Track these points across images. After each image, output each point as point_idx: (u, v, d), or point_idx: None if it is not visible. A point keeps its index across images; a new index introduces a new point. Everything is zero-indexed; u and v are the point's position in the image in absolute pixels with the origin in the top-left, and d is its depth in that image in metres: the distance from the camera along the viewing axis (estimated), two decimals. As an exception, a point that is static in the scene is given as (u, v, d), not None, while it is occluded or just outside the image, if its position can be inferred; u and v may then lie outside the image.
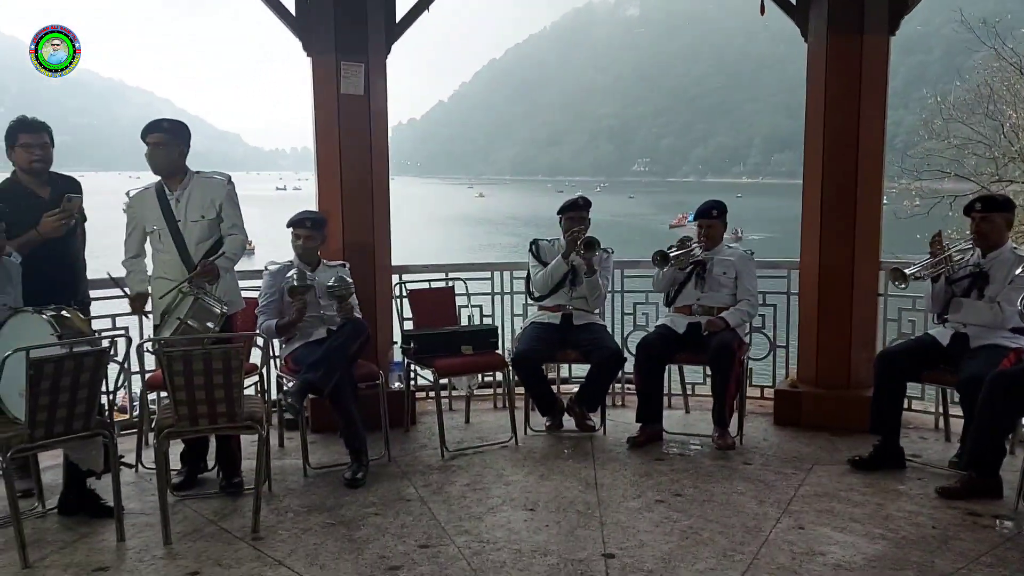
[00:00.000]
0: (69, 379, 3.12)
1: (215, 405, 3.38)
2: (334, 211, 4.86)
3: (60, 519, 3.57)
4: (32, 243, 3.65)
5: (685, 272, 4.77)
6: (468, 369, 4.81)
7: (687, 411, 5.25)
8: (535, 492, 3.93)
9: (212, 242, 3.94)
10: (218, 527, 3.52)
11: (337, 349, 4.11)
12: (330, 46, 4.75)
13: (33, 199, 3.79)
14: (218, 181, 3.99)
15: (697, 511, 3.68)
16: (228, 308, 3.89)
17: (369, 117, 4.87)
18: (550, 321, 4.88)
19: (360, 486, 3.96)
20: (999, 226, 4.03)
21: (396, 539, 3.38)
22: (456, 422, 5.04)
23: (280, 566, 3.14)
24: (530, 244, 5.04)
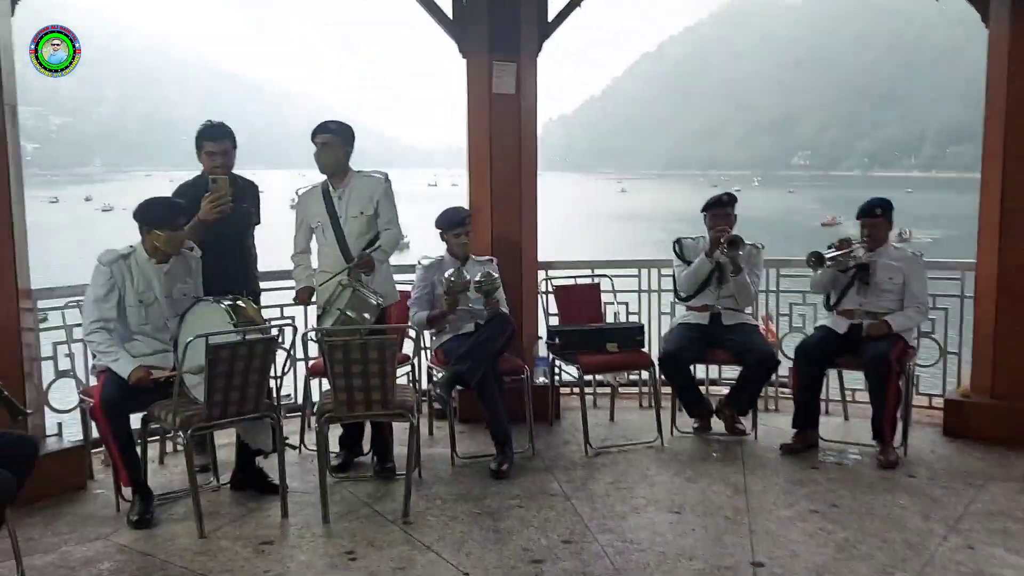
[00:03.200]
0: (242, 364, 3.37)
1: (370, 393, 3.55)
2: (484, 207, 4.97)
3: (232, 494, 3.88)
4: (196, 231, 3.85)
5: (847, 275, 4.52)
6: (613, 367, 4.80)
7: (846, 418, 4.99)
8: (681, 494, 3.87)
9: (370, 237, 4.12)
10: (371, 509, 3.70)
11: (484, 343, 4.20)
12: (484, 47, 4.86)
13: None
14: (377, 179, 4.17)
15: (855, 523, 3.50)
16: (384, 300, 4.07)
17: (519, 115, 4.94)
18: (698, 321, 4.76)
19: (505, 478, 4.04)
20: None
21: (539, 532, 3.43)
22: (600, 419, 5.03)
23: (428, 551, 3.26)
24: (674, 243, 4.94)
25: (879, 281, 4.45)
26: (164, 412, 3.46)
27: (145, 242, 3.62)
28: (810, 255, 4.47)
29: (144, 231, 3.61)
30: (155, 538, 3.39)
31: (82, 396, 3.90)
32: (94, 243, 3.85)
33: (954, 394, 4.80)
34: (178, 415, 3.37)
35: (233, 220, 3.95)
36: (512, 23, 4.85)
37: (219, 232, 3.92)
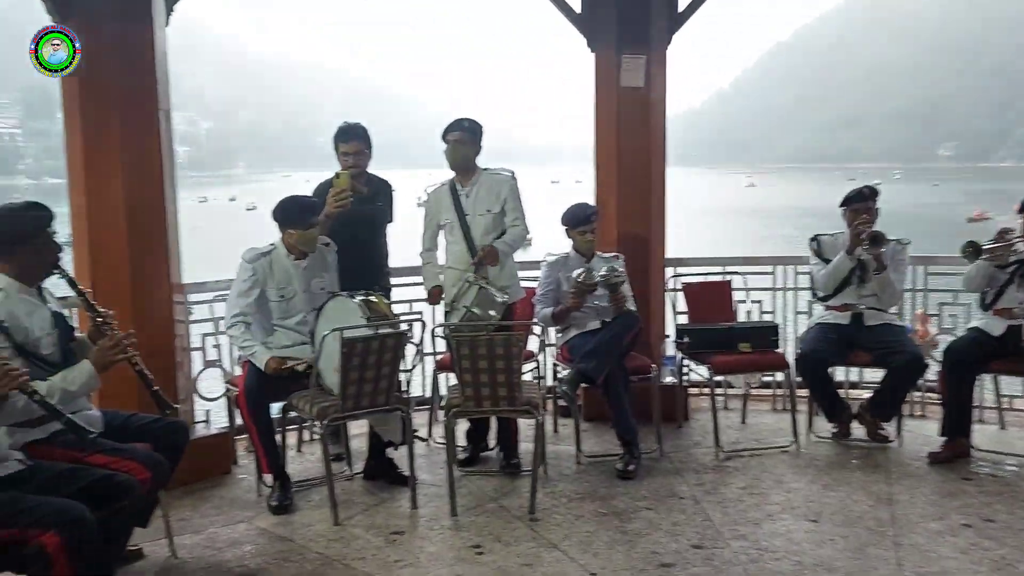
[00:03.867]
0: (374, 358, 3.46)
1: (497, 388, 3.57)
2: (610, 203, 4.91)
3: (364, 483, 3.99)
4: (323, 226, 3.95)
5: (1007, 272, 4.18)
6: (746, 367, 4.63)
7: (1002, 427, 4.63)
8: (819, 502, 3.69)
9: (496, 235, 4.14)
10: (498, 504, 3.72)
11: (610, 340, 4.14)
12: (612, 40, 4.79)
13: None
14: (504, 177, 4.19)
15: (1013, 541, 3.24)
16: (509, 297, 4.08)
17: (648, 108, 4.85)
18: (837, 321, 4.52)
19: (632, 478, 3.97)
20: None
21: (669, 536, 3.35)
22: (731, 421, 4.87)
23: (555, 549, 3.25)
24: (811, 240, 4.69)
25: None
26: (302, 402, 3.60)
27: (284, 240, 3.78)
28: (966, 245, 4.14)
29: (282, 229, 3.78)
30: (293, 523, 3.54)
31: (227, 385, 4.12)
32: (240, 240, 4.06)
33: None
34: (315, 406, 3.51)
35: (366, 218, 4.06)
36: (642, 15, 4.76)
37: (353, 230, 4.04)
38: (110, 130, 3.78)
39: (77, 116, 3.78)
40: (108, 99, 3.76)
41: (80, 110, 3.77)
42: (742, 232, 40.78)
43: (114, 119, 3.77)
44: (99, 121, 3.78)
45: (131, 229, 3.83)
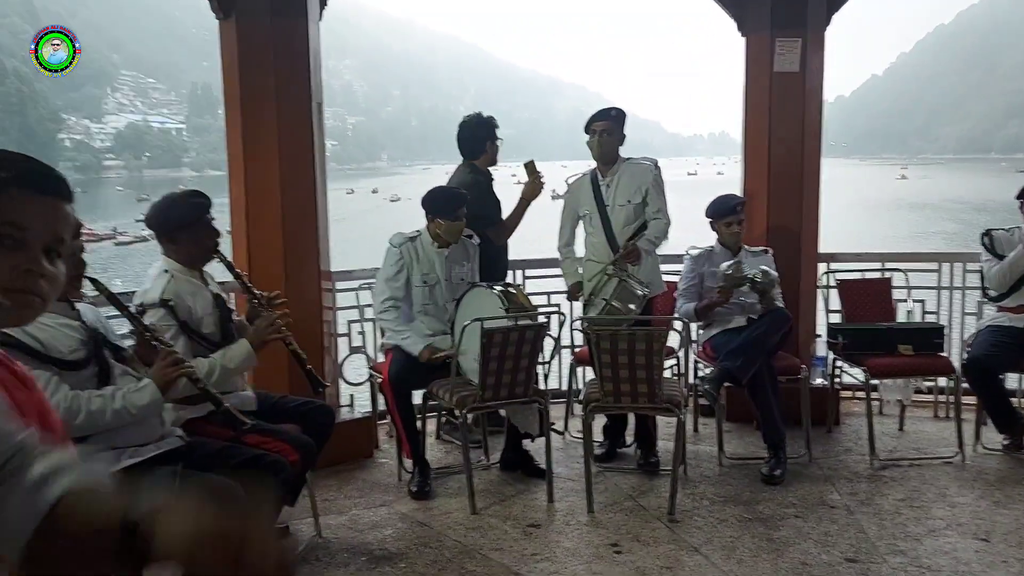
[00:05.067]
0: (513, 349, 3.46)
1: (637, 385, 3.47)
2: (760, 194, 4.69)
3: (500, 473, 4.00)
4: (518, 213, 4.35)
5: None
6: (906, 371, 4.30)
7: None
8: (988, 520, 3.38)
9: (636, 226, 4.04)
10: (635, 503, 3.63)
11: (757, 339, 3.95)
12: (765, 23, 4.57)
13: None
14: (646, 167, 4.08)
15: None
16: (649, 290, 3.97)
17: (803, 95, 4.59)
18: (1012, 324, 4.13)
19: (778, 483, 3.78)
20: None
21: (819, 547, 3.16)
22: (887, 428, 4.55)
23: (696, 553, 3.13)
24: (982, 235, 4.30)
25: None
26: (443, 391, 3.64)
27: (429, 228, 3.84)
28: None
29: (429, 218, 3.83)
30: (432, 510, 3.59)
31: (371, 371, 4.23)
32: (385, 230, 4.15)
33: None
34: (455, 394, 3.53)
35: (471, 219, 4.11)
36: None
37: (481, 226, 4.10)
38: (267, 123, 3.94)
39: (237, 110, 3.97)
40: (265, 93, 3.92)
41: (240, 104, 3.95)
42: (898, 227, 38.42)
43: (270, 112, 3.93)
44: (257, 114, 3.95)
45: (285, 218, 3.99)
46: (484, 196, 4.29)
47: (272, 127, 3.94)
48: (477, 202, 4.12)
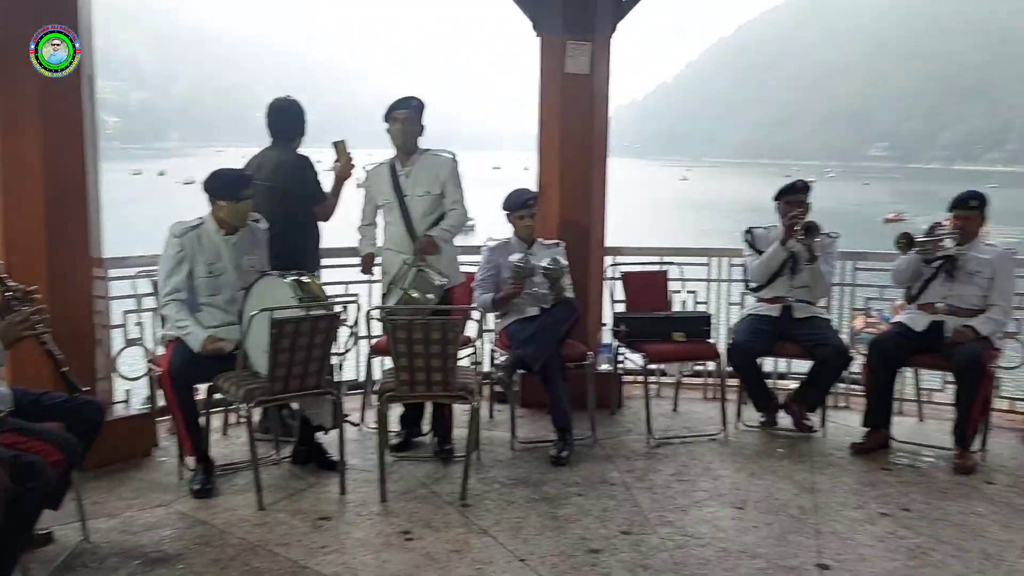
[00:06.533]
0: (305, 339, 3.38)
1: (432, 373, 3.52)
2: (553, 189, 4.89)
3: (292, 468, 3.90)
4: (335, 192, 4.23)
5: (933, 267, 4.30)
6: (679, 356, 4.67)
7: (921, 419, 4.77)
8: (745, 490, 3.75)
9: (435, 217, 4.09)
10: (429, 490, 3.68)
11: (548, 327, 4.13)
12: (558, 25, 4.76)
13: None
14: (445, 158, 4.13)
15: (927, 530, 3.34)
16: (447, 281, 4.03)
17: (592, 96, 4.83)
18: (768, 313, 4.60)
19: (564, 464, 3.97)
20: None
21: (598, 522, 3.36)
22: (663, 409, 4.92)
23: (485, 535, 3.23)
24: (744, 232, 4.77)
25: (966, 276, 4.22)
26: (228, 384, 3.49)
27: (213, 213, 3.66)
28: (899, 236, 4.27)
29: (212, 201, 3.65)
30: (215, 508, 3.44)
31: (150, 365, 3.98)
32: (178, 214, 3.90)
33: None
34: (242, 387, 3.40)
35: (294, 196, 3.98)
36: (588, 1, 4.73)
37: (283, 209, 3.95)
38: (26, 95, 3.58)
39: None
40: (24, 61, 3.49)
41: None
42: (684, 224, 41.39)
43: (31, 83, 3.55)
44: (14, 85, 3.57)
45: (49, 200, 3.66)
46: (312, 173, 4.18)
47: (33, 99, 3.58)
48: (309, 180, 4.10)
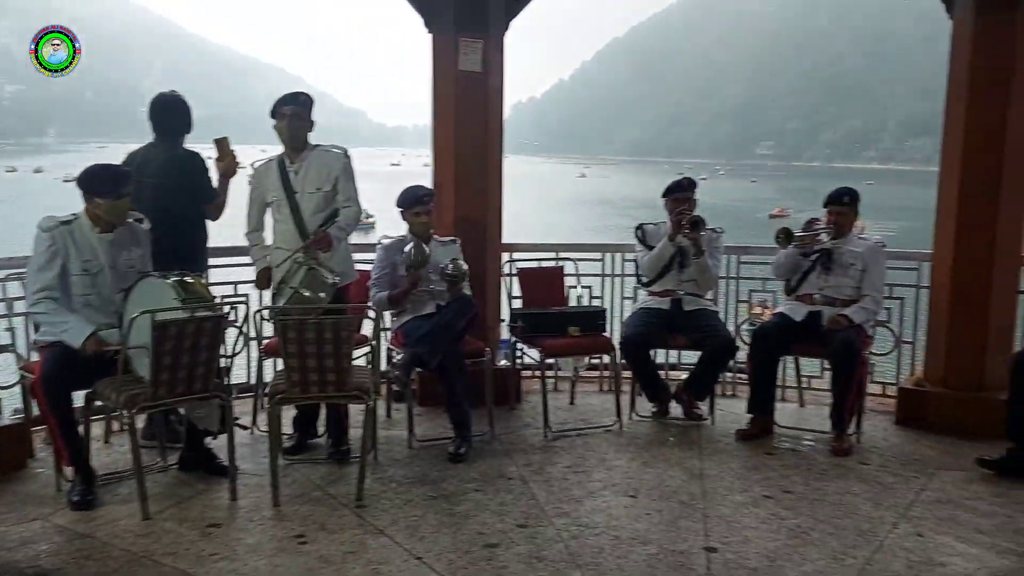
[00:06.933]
0: (190, 342, 3.27)
1: (325, 373, 3.47)
2: (448, 186, 4.89)
3: (179, 475, 3.77)
4: (223, 188, 4.16)
5: (810, 260, 4.54)
6: (575, 350, 4.76)
7: (801, 404, 5.02)
8: (637, 479, 3.86)
9: (327, 214, 4.02)
10: (324, 492, 3.62)
11: (445, 324, 4.14)
12: (450, 22, 4.75)
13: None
14: (336, 154, 4.07)
15: (807, 510, 3.52)
16: (341, 279, 3.98)
17: (486, 94, 4.86)
18: (659, 306, 4.75)
19: (462, 461, 3.99)
20: None
21: (495, 516, 3.39)
22: (561, 403, 5.00)
23: (381, 535, 3.20)
24: (636, 228, 4.92)
25: (840, 268, 4.47)
26: (108, 390, 3.34)
27: (88, 210, 3.49)
28: (779, 231, 4.50)
29: (87, 198, 3.48)
30: (96, 519, 3.28)
31: (22, 372, 3.77)
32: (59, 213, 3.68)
33: (908, 383, 4.87)
34: (123, 393, 3.26)
35: (181, 194, 3.84)
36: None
37: (167, 206, 3.81)
38: None
39: None
40: None
41: None
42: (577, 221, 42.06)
43: None
44: None
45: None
46: (203, 170, 4.08)
47: None
48: (200, 177, 4.04)
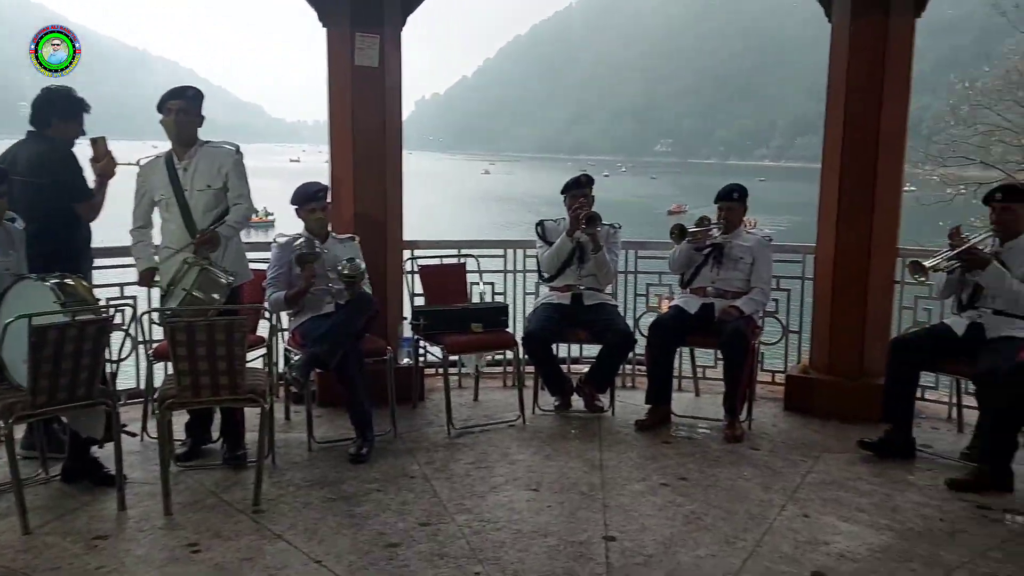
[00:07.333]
0: (72, 347, 3.11)
1: (218, 377, 3.37)
2: (346, 183, 4.83)
3: (63, 486, 3.59)
4: (100, 191, 3.96)
5: (703, 254, 4.70)
6: (477, 347, 4.78)
7: (697, 394, 5.19)
8: (539, 472, 3.90)
9: (219, 212, 3.91)
10: (219, 499, 3.52)
11: (344, 323, 4.08)
12: (345, 17, 4.69)
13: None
14: (226, 151, 3.96)
15: (701, 496, 3.64)
16: (235, 279, 3.87)
17: (383, 90, 4.81)
18: (560, 301, 4.83)
19: (364, 462, 3.95)
20: (1019, 216, 3.93)
21: (396, 516, 3.37)
22: (464, 400, 5.01)
23: (279, 540, 3.14)
24: (536, 224, 5.00)
25: (731, 261, 4.64)
26: (-18, 399, 3.15)
27: None
28: (673, 227, 4.66)
29: None
30: (-30, 537, 3.10)
31: None
32: None
33: (795, 370, 5.10)
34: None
35: (58, 193, 3.66)
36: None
37: (44, 206, 3.63)
38: None
39: None
40: None
41: None
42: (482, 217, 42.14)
43: None
44: None
45: None
46: (68, 162, 3.85)
47: None
48: (70, 173, 3.82)
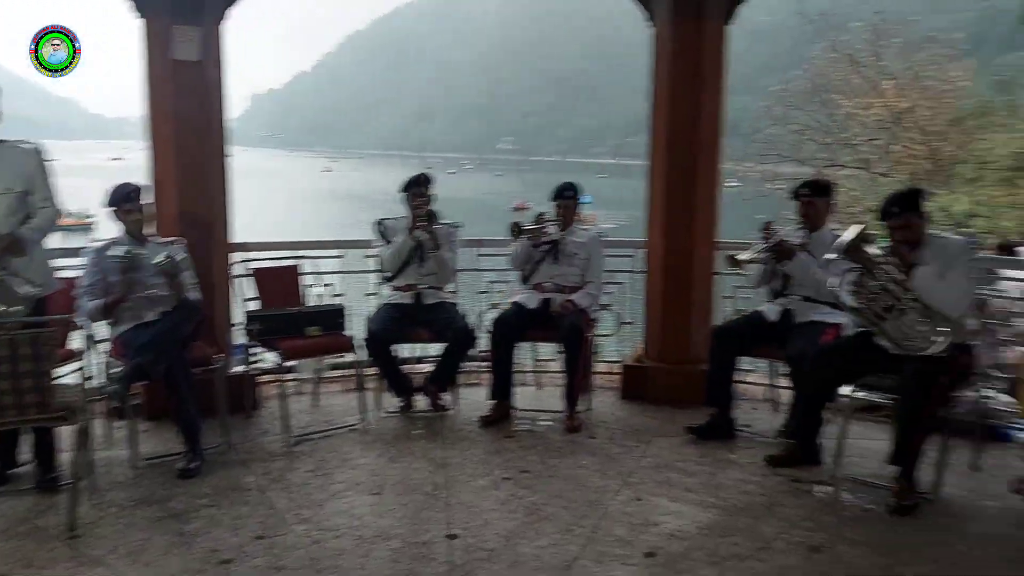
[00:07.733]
0: None
1: (23, 395, 3.10)
2: (168, 183, 4.56)
3: None
4: None
5: (540, 251, 4.81)
6: (314, 351, 4.66)
7: (539, 387, 5.30)
8: (382, 475, 3.86)
9: (21, 217, 3.58)
10: (32, 525, 3.25)
11: (168, 331, 3.87)
12: (163, 8, 4.42)
13: None
14: (28, 150, 3.63)
15: (542, 487, 3.72)
16: (41, 289, 3.57)
17: (206, 84, 4.58)
18: (402, 301, 4.80)
19: (194, 476, 3.76)
20: (821, 210, 4.28)
21: (230, 531, 3.23)
22: (303, 406, 4.87)
23: (99, 565, 2.94)
24: (376, 223, 4.93)
25: (567, 257, 4.78)
26: None
27: None
28: (511, 225, 4.74)
29: None
30: None
31: None
32: None
33: (630, 360, 5.31)
34: None
35: None
36: (193, -16, 4.46)
37: None
38: None
39: None
40: None
41: None
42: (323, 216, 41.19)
43: None
44: None
45: None
46: None
47: None
48: None
